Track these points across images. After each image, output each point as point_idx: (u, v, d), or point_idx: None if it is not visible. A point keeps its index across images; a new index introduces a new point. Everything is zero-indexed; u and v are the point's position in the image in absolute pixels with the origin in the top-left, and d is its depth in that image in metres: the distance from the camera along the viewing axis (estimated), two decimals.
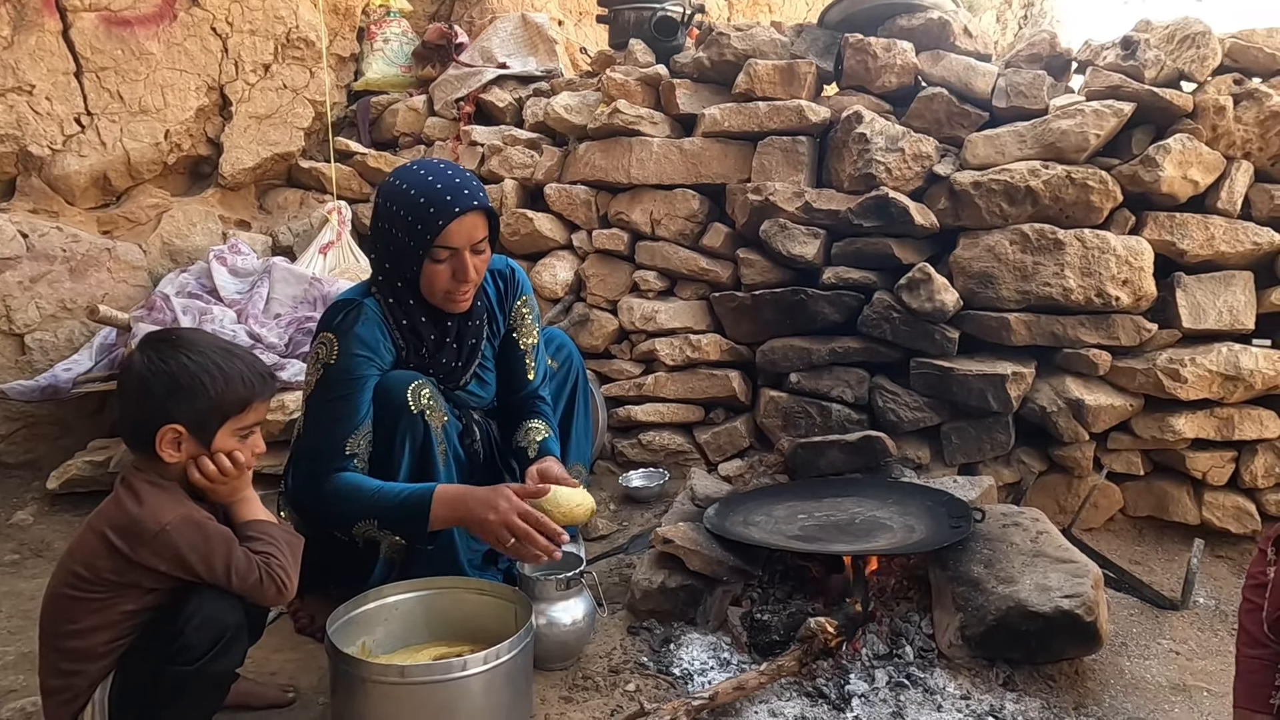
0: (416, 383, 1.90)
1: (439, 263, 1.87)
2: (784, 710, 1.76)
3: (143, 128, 3.46)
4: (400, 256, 1.89)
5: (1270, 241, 2.67)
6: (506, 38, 4.10)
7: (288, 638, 2.03)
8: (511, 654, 1.59)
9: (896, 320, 2.77)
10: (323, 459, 1.83)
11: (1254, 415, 2.67)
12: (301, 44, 3.78)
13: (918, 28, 3.02)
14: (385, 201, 1.89)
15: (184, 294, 3.05)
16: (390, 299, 1.94)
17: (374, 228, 1.95)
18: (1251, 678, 1.44)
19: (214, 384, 1.48)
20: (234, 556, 1.46)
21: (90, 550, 1.45)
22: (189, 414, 1.47)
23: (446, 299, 1.92)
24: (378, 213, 1.93)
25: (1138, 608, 2.35)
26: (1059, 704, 1.82)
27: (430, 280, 1.89)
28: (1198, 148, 2.65)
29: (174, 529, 1.43)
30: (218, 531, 1.47)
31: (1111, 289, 2.62)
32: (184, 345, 1.52)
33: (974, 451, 2.74)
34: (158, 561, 1.43)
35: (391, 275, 1.93)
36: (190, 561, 1.43)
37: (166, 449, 1.47)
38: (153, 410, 1.46)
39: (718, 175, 3.14)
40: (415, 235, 1.84)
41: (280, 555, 1.51)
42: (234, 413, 1.51)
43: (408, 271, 1.90)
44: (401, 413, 1.87)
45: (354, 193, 3.82)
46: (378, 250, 1.95)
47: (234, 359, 1.54)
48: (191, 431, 1.48)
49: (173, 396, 1.46)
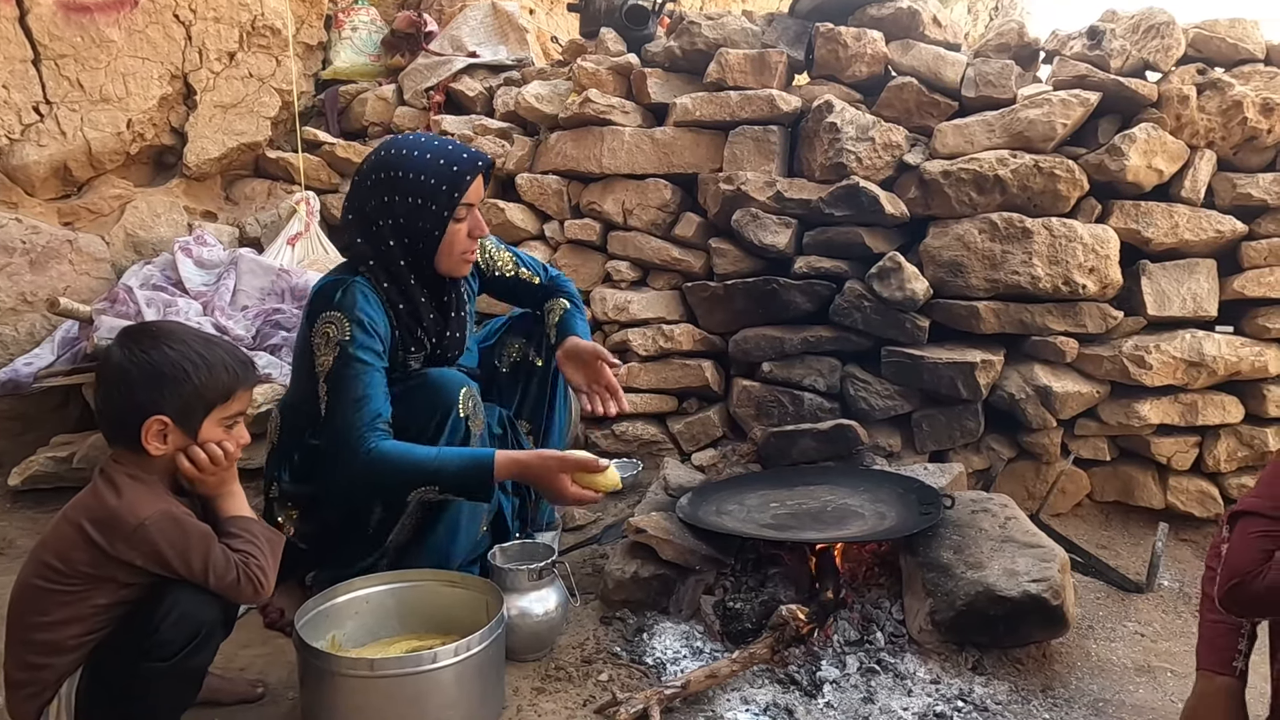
0: (467, 388, 1.91)
1: (460, 221, 1.89)
2: (756, 697, 1.76)
3: (104, 117, 3.39)
4: (417, 224, 1.87)
5: (1232, 229, 2.71)
6: (477, 26, 4.06)
7: (257, 632, 2.01)
8: (482, 645, 1.58)
9: (868, 309, 2.78)
10: (362, 429, 1.78)
11: (1217, 401, 2.72)
12: (267, 32, 3.72)
13: (887, 17, 3.03)
14: (393, 173, 1.86)
15: (148, 286, 3.00)
16: (385, 282, 1.90)
17: (371, 205, 1.89)
18: (1215, 641, 1.47)
19: (197, 372, 1.47)
20: (212, 554, 1.45)
21: (65, 542, 1.43)
22: (174, 404, 1.46)
23: (462, 260, 1.95)
24: (378, 187, 1.87)
25: (1104, 591, 2.39)
26: (1026, 687, 1.84)
27: (451, 241, 1.90)
28: (1162, 137, 2.68)
29: (153, 524, 1.41)
30: (197, 528, 1.46)
31: (1078, 277, 2.65)
32: (164, 336, 1.51)
33: (944, 439, 2.76)
34: (134, 556, 1.42)
35: (394, 253, 1.89)
36: (168, 558, 1.42)
37: (153, 441, 1.45)
38: (137, 402, 1.45)
39: (690, 165, 3.13)
40: (439, 196, 1.85)
41: (259, 554, 1.50)
42: (219, 401, 1.50)
43: (425, 239, 1.88)
44: (450, 411, 1.87)
45: (323, 183, 3.77)
46: (377, 228, 1.88)
47: (215, 347, 1.53)
48: (177, 422, 1.47)
49: (157, 387, 1.45)
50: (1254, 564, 1.27)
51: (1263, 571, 1.26)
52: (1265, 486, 1.33)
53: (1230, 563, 1.30)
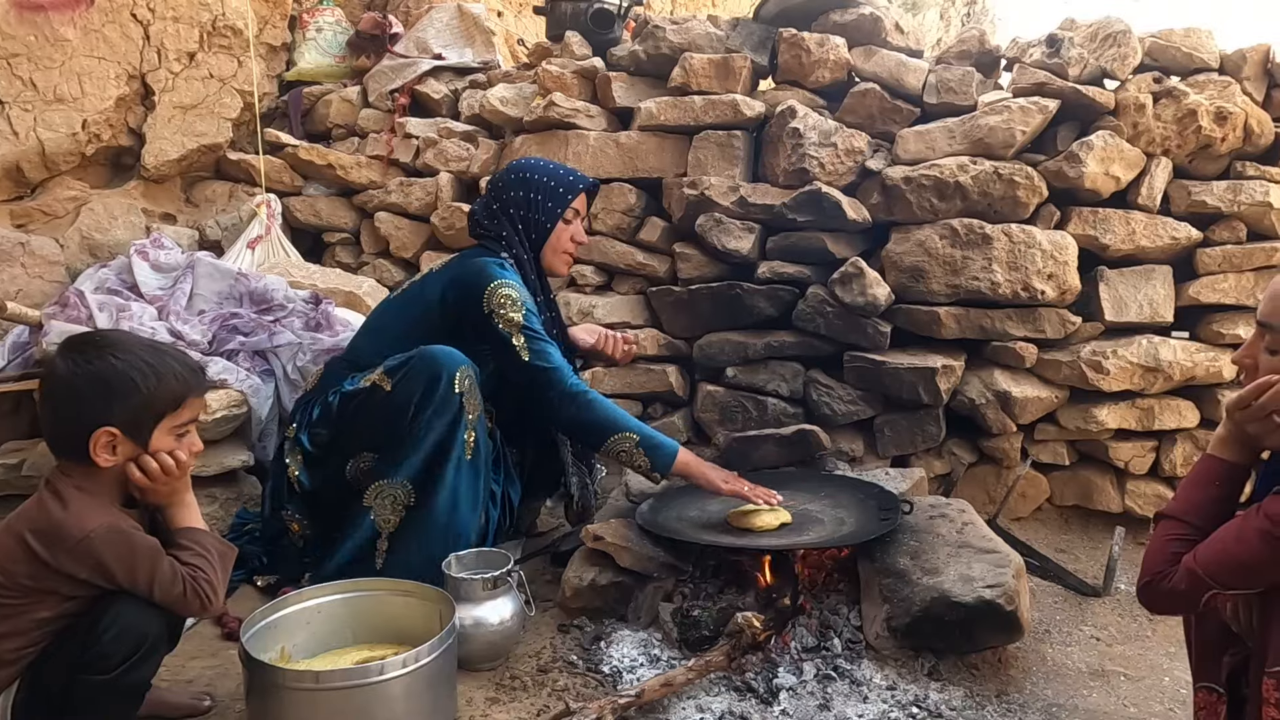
0: (464, 367, 2.05)
1: (568, 223, 2.29)
2: (712, 705, 1.75)
3: (58, 117, 3.32)
4: (537, 216, 2.25)
5: (1188, 236, 2.75)
6: (443, 28, 4.03)
7: (206, 644, 1.97)
8: (432, 656, 1.56)
9: (830, 314, 2.79)
10: (566, 373, 2.13)
11: (1173, 406, 2.75)
12: (229, 32, 3.66)
13: (850, 23, 3.04)
14: (523, 174, 2.27)
15: (103, 290, 2.93)
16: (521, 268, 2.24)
17: (505, 200, 2.26)
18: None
19: (146, 382, 1.44)
20: (159, 568, 1.42)
21: (6, 554, 1.40)
22: (123, 415, 1.43)
23: (563, 257, 2.33)
24: (512, 185, 2.26)
25: (1062, 595, 2.40)
26: (981, 692, 1.85)
27: (559, 236, 2.29)
28: (1119, 144, 2.71)
29: (98, 537, 1.39)
30: (144, 541, 1.43)
31: (1037, 283, 2.68)
32: (109, 345, 1.48)
33: (906, 443, 2.78)
34: (78, 569, 1.39)
35: (523, 243, 2.25)
36: (113, 571, 1.40)
37: (101, 453, 1.42)
38: (83, 414, 1.42)
39: (654, 169, 3.13)
40: (556, 196, 2.26)
41: (208, 568, 1.48)
42: (169, 410, 1.47)
43: (540, 230, 2.26)
44: (440, 378, 2.02)
45: (285, 185, 3.73)
46: (508, 217, 2.25)
47: (163, 355, 1.50)
48: (126, 433, 1.44)
49: (104, 398, 1.42)
50: (1164, 565, 1.30)
51: (1170, 574, 1.28)
52: (1182, 490, 1.37)
53: (1145, 562, 1.34)
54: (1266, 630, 1.23)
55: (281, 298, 2.89)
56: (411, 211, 3.53)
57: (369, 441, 2.09)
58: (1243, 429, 1.29)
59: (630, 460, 2.12)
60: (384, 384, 2.06)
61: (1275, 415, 1.24)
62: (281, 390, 2.68)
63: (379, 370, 2.09)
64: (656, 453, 2.09)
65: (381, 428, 2.05)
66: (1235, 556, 1.23)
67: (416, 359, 2.04)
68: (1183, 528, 1.32)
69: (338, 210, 3.73)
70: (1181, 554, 1.29)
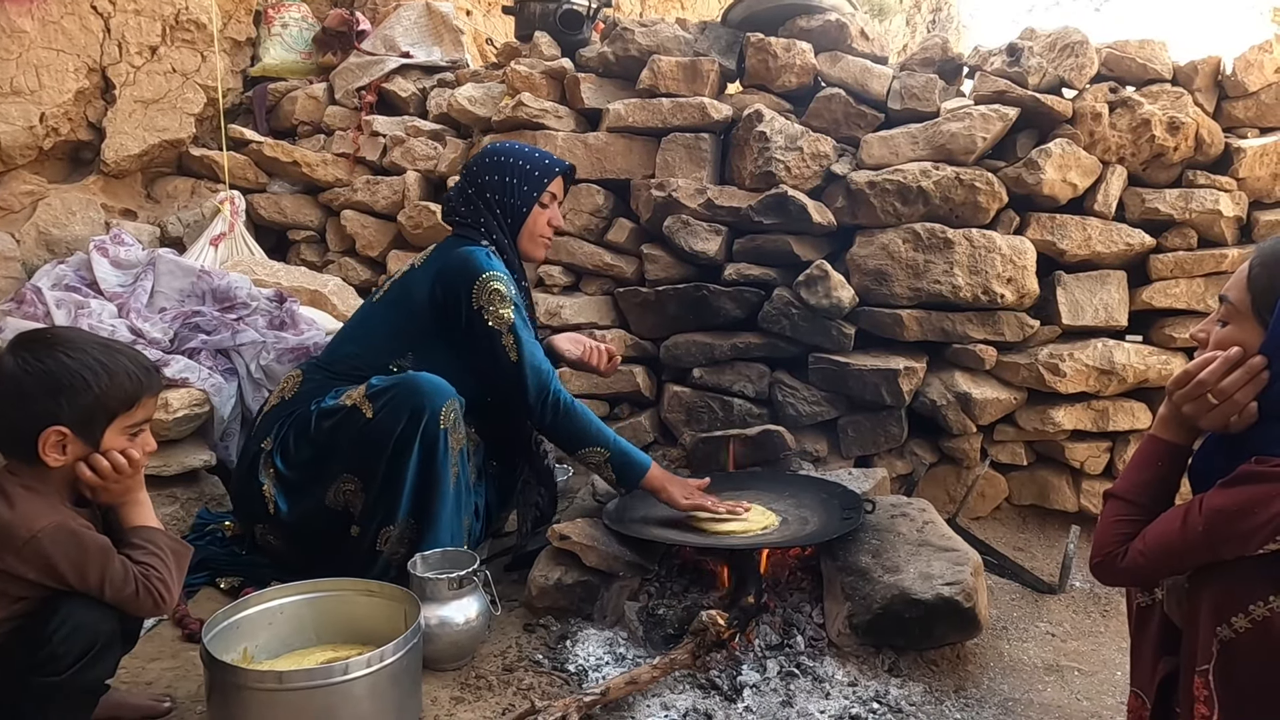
0: (451, 400, 2.00)
1: (544, 207, 2.26)
2: (676, 703, 1.77)
3: (15, 110, 3.25)
4: (514, 201, 2.22)
5: (1142, 242, 2.82)
6: (410, 26, 4.01)
7: (166, 645, 1.95)
8: (396, 656, 1.56)
9: (795, 316, 2.82)
10: (553, 376, 2.13)
11: (1127, 407, 2.82)
12: (192, 26, 3.61)
13: (816, 29, 3.08)
14: (498, 158, 2.24)
15: (60, 286, 2.88)
16: (504, 255, 2.21)
17: (480, 184, 2.22)
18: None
19: (98, 381, 1.42)
20: (110, 567, 1.40)
21: None
22: (73, 414, 1.41)
23: (540, 242, 2.30)
24: (486, 170, 2.23)
25: (1019, 592, 2.45)
26: (940, 687, 1.89)
27: (535, 221, 2.26)
28: (1076, 152, 2.78)
29: (46, 536, 1.36)
30: (94, 540, 1.41)
31: (997, 287, 2.73)
32: (60, 343, 1.45)
33: (869, 444, 2.82)
34: (26, 569, 1.36)
35: (501, 228, 2.22)
36: (62, 571, 1.37)
37: (51, 452, 1.40)
38: (32, 413, 1.39)
39: (622, 170, 3.14)
40: (532, 180, 2.23)
41: (162, 567, 1.45)
42: (122, 410, 1.46)
43: (516, 215, 2.23)
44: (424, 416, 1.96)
45: (249, 182, 3.69)
46: (485, 203, 2.22)
47: (116, 354, 1.48)
48: (77, 432, 1.42)
49: (54, 397, 1.40)
50: (1113, 544, 1.34)
51: (1121, 553, 1.33)
52: (1127, 471, 1.41)
53: (1095, 541, 1.39)
54: (1194, 631, 1.27)
55: (245, 296, 2.86)
56: (378, 210, 3.51)
57: (348, 465, 2.01)
58: (1179, 409, 1.31)
59: (600, 472, 2.18)
60: (365, 409, 1.98)
61: (1209, 395, 1.26)
62: (244, 389, 2.65)
63: (361, 391, 2.01)
64: (626, 471, 2.14)
65: (360, 455, 1.99)
66: (1172, 545, 1.27)
67: (401, 389, 1.97)
68: (1128, 508, 1.36)
69: (303, 208, 3.70)
70: (1127, 533, 1.33)
